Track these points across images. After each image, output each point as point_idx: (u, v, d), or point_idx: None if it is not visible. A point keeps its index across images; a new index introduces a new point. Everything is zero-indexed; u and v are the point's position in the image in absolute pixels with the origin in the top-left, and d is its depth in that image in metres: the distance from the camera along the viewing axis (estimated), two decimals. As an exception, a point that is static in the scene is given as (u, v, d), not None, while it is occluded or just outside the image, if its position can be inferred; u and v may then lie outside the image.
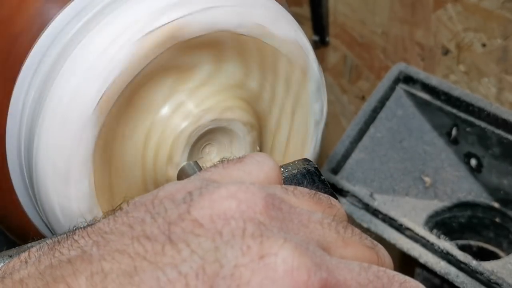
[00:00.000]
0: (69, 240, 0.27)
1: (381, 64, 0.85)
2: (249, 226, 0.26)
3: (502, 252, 0.68)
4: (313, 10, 0.89)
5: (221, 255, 0.25)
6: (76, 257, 0.26)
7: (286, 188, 0.30)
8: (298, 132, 0.50)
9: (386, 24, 0.82)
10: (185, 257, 0.25)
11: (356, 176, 0.70)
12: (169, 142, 0.43)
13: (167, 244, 0.25)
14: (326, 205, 0.31)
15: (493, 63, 0.71)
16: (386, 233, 0.65)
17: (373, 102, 0.72)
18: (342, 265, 0.27)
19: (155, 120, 0.43)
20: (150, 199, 0.28)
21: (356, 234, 0.30)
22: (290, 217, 0.28)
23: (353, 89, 0.91)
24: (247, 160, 0.31)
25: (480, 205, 0.69)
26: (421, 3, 0.76)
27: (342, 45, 0.90)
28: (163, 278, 0.24)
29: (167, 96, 0.43)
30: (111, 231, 0.27)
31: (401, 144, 0.72)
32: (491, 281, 0.57)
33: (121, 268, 0.25)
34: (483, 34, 0.71)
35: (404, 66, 0.72)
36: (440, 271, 0.60)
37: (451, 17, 0.73)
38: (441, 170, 0.71)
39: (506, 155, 0.65)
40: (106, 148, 0.42)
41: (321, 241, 0.28)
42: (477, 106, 0.66)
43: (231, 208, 0.26)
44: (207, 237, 0.25)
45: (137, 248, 0.25)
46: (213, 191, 0.27)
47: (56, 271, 0.25)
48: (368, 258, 0.29)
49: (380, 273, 0.28)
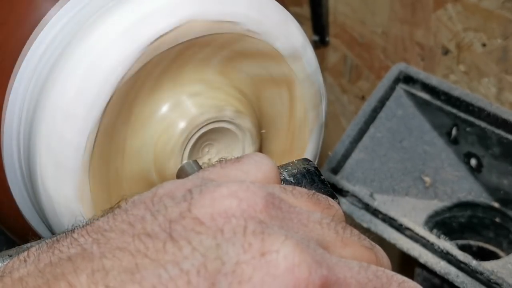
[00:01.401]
0: (68, 238, 0.27)
1: (381, 64, 0.85)
2: (250, 224, 0.26)
3: (502, 252, 0.68)
4: (313, 10, 0.89)
5: (223, 252, 0.25)
6: (76, 254, 0.26)
7: (284, 188, 0.31)
8: (298, 133, 0.50)
9: (386, 24, 0.82)
10: (187, 254, 0.25)
11: (356, 176, 0.70)
12: (168, 141, 0.43)
13: (168, 241, 0.25)
14: (325, 205, 0.31)
15: (493, 63, 0.71)
16: (386, 233, 0.65)
17: (373, 102, 0.72)
18: (342, 264, 0.27)
19: (154, 120, 0.43)
20: (150, 196, 0.28)
21: (354, 235, 0.30)
22: (290, 216, 0.28)
23: (353, 89, 0.91)
24: (245, 160, 0.31)
25: (480, 205, 0.69)
26: (421, 3, 0.76)
27: (342, 45, 0.90)
28: (165, 275, 0.24)
29: (167, 95, 0.43)
30: (111, 229, 0.26)
31: (401, 144, 0.72)
32: (491, 281, 0.57)
33: (122, 265, 0.25)
34: (483, 34, 0.71)
35: (404, 66, 0.72)
36: (440, 271, 0.60)
37: (451, 17, 0.73)
38: (441, 170, 0.71)
39: (506, 155, 0.65)
40: (105, 148, 0.42)
41: (320, 240, 0.28)
42: (477, 106, 0.66)
43: (232, 206, 0.26)
44: (208, 235, 0.25)
45: (138, 245, 0.25)
46: (214, 190, 0.27)
47: (56, 269, 0.25)
48: (367, 258, 0.29)
49: (379, 272, 0.28)
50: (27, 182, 0.45)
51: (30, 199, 0.47)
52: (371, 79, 0.88)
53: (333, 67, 0.93)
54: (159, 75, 0.42)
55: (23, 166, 0.45)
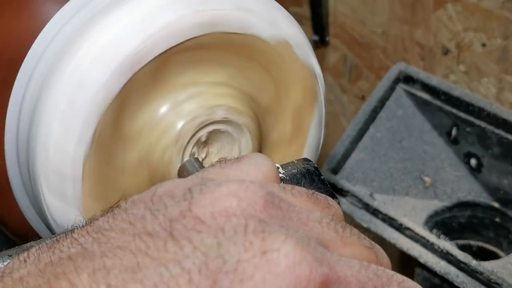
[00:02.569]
0: (68, 238, 0.27)
1: (381, 64, 0.85)
2: (250, 222, 0.26)
3: (502, 252, 0.68)
4: (313, 10, 0.89)
5: (224, 251, 0.25)
6: (77, 254, 0.26)
7: (284, 187, 0.31)
8: (298, 133, 0.50)
9: (386, 24, 0.82)
10: (188, 253, 0.25)
11: (356, 176, 0.70)
12: (168, 141, 0.43)
13: (169, 240, 0.25)
14: (324, 205, 0.31)
15: (493, 63, 0.71)
16: (386, 233, 0.65)
17: (373, 102, 0.72)
18: (342, 262, 0.27)
19: (154, 119, 0.43)
20: (149, 196, 0.28)
21: (354, 234, 0.30)
22: (290, 215, 0.28)
23: (353, 89, 0.91)
24: (244, 161, 0.31)
25: (480, 205, 0.69)
26: (421, 3, 0.76)
27: (342, 45, 0.90)
28: (166, 274, 0.24)
29: (167, 95, 0.43)
30: (111, 228, 0.26)
31: (401, 144, 0.72)
32: (491, 281, 0.57)
33: (123, 264, 0.25)
34: (483, 34, 0.71)
35: (404, 66, 0.72)
36: (440, 271, 0.60)
37: (451, 17, 0.73)
38: (441, 170, 0.71)
39: (506, 155, 0.65)
40: (105, 147, 0.42)
41: (320, 239, 0.28)
42: (477, 106, 0.66)
43: (232, 205, 0.26)
44: (209, 234, 0.25)
45: (138, 244, 0.25)
46: (214, 189, 0.27)
47: (57, 268, 0.25)
48: (367, 257, 0.29)
49: (379, 271, 0.28)
50: (28, 184, 0.45)
51: (30, 199, 0.47)
52: (371, 79, 0.88)
53: (333, 67, 0.93)
54: (144, 88, 0.42)
55: (23, 164, 0.45)
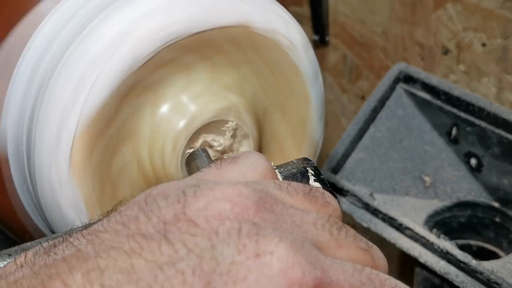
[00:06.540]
0: (64, 242, 0.27)
1: (381, 64, 0.85)
2: (244, 226, 0.26)
3: (502, 252, 0.68)
4: (313, 9, 0.89)
5: (218, 253, 0.25)
6: (71, 255, 0.26)
7: (280, 184, 0.30)
8: (297, 130, 0.50)
9: (386, 23, 0.82)
10: (182, 255, 0.25)
11: (356, 176, 0.70)
12: (167, 141, 0.43)
13: (163, 243, 0.25)
14: (321, 203, 0.31)
15: (493, 63, 0.71)
16: (386, 233, 0.65)
17: (373, 102, 0.72)
18: (336, 265, 0.27)
19: (153, 119, 0.43)
20: (143, 197, 0.28)
21: (350, 236, 0.30)
22: (283, 218, 0.28)
23: (353, 88, 0.91)
24: (240, 161, 0.31)
25: (480, 204, 0.69)
26: (421, 3, 0.76)
27: (342, 45, 0.90)
28: (161, 276, 0.24)
29: (167, 94, 0.43)
30: (105, 230, 0.27)
31: (401, 144, 0.72)
32: (491, 281, 0.56)
33: (117, 265, 0.25)
34: (483, 33, 0.71)
35: (404, 66, 0.72)
36: (440, 270, 0.60)
37: (451, 17, 0.73)
38: (441, 169, 0.71)
39: (506, 155, 0.65)
40: (105, 148, 0.42)
41: (314, 241, 0.28)
42: (477, 105, 0.65)
43: (226, 210, 0.27)
44: (203, 237, 0.26)
45: (133, 245, 0.25)
46: (208, 193, 0.27)
47: (50, 269, 0.25)
48: (362, 260, 0.29)
49: (372, 276, 0.28)
50: (29, 184, 0.45)
51: (32, 200, 0.47)
52: (371, 79, 0.88)
53: (333, 66, 0.93)
54: (140, 94, 0.42)
55: (24, 164, 0.45)
